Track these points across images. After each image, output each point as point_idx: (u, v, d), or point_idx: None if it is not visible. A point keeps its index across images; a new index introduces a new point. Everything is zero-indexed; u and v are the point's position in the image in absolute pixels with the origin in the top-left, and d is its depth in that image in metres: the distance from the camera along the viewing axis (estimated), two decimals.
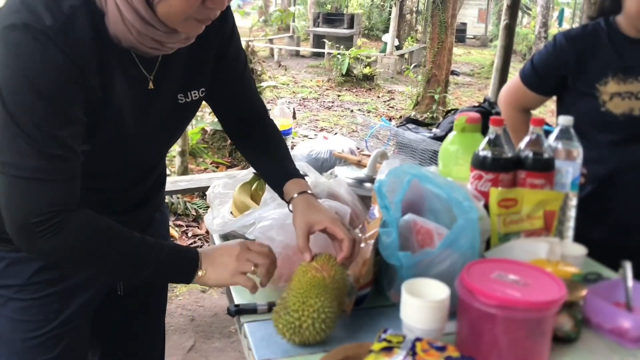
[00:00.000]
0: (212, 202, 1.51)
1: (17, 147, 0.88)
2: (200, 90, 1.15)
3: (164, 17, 0.91)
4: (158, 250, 1.00)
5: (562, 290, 0.96)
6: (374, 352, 0.86)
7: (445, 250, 1.07)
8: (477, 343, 0.96)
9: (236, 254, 1.04)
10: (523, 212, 1.27)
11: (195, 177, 3.39)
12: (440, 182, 1.17)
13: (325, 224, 1.09)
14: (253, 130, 1.30)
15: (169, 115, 1.11)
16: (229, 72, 1.21)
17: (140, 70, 1.02)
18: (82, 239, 0.96)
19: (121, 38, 0.94)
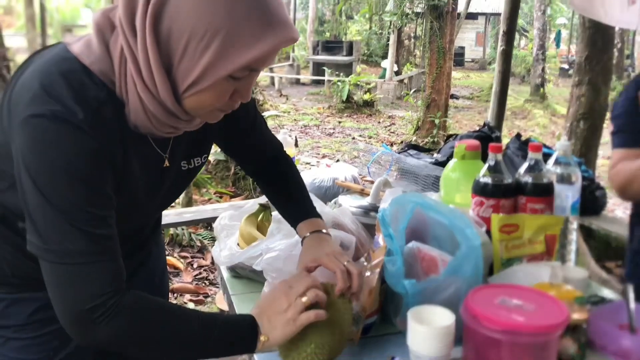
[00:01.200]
0: (219, 234, 1.54)
1: (62, 234, 0.88)
2: (203, 157, 1.18)
3: (190, 108, 0.93)
4: (217, 323, 0.98)
5: (565, 314, 0.98)
6: None
7: (450, 277, 1.09)
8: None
9: (285, 303, 1.01)
10: (524, 237, 1.29)
11: (200, 208, 3.42)
12: (443, 210, 1.20)
13: (321, 261, 1.11)
14: (269, 168, 1.34)
15: (175, 184, 1.15)
16: (239, 125, 1.23)
17: (155, 151, 1.04)
18: (139, 319, 0.94)
19: (140, 126, 0.95)
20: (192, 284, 3.56)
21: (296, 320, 0.99)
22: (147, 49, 0.85)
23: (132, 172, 1.00)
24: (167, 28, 0.84)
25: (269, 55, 0.88)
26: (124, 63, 0.90)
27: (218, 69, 0.86)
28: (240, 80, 0.91)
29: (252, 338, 0.99)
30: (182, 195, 4.30)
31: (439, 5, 8.09)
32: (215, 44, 0.84)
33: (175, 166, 1.11)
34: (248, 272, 1.44)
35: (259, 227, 1.52)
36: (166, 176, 1.10)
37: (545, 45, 14.72)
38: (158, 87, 0.88)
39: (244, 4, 0.83)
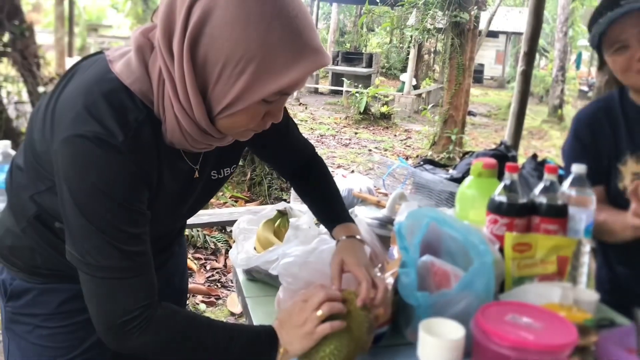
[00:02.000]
0: (237, 237, 1.57)
1: (100, 250, 0.93)
2: (232, 167, 1.23)
3: (223, 129, 0.97)
4: (239, 335, 1.03)
5: (574, 335, 1.00)
6: None
7: (462, 291, 1.12)
8: None
9: (302, 317, 1.04)
10: (537, 257, 1.31)
11: (216, 211, 3.46)
12: (457, 226, 1.23)
13: (351, 268, 1.15)
14: (305, 171, 1.38)
15: (203, 192, 1.19)
16: (274, 134, 1.25)
17: (187, 164, 1.08)
18: (169, 331, 1.00)
19: (175, 143, 1.00)
20: (205, 286, 3.60)
21: (313, 334, 1.03)
22: (184, 72, 0.88)
23: (164, 185, 1.04)
24: (203, 54, 0.88)
25: (301, 80, 0.91)
26: (162, 84, 0.94)
27: (251, 94, 0.89)
28: (272, 103, 0.95)
29: (272, 350, 1.04)
30: None
31: (460, 22, 8.12)
32: (250, 70, 0.87)
33: (204, 176, 1.15)
34: (263, 276, 1.47)
35: (275, 232, 1.55)
36: (195, 186, 1.14)
37: (565, 67, 14.67)
38: (194, 109, 0.92)
39: (278, 33, 0.86)
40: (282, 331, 1.05)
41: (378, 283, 1.12)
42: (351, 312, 1.07)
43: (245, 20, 0.85)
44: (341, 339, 1.03)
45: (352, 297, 1.09)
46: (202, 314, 3.25)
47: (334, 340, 1.03)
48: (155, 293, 0.99)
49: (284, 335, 1.04)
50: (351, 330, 1.05)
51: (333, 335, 1.03)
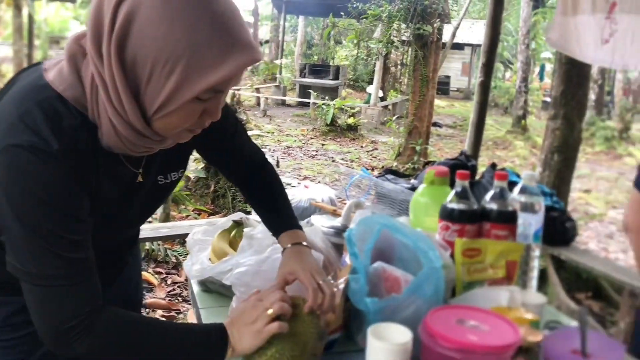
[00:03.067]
0: (192, 248, 1.56)
1: (41, 258, 0.93)
2: (180, 171, 1.22)
3: (160, 130, 0.97)
4: (188, 335, 1.04)
5: (518, 335, 1.02)
6: None
7: (411, 296, 1.13)
8: None
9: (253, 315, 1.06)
10: (486, 262, 1.34)
11: (176, 224, 3.44)
12: (408, 232, 1.25)
13: (298, 275, 1.15)
14: (253, 177, 1.38)
15: (150, 198, 1.18)
16: (220, 138, 1.27)
17: (128, 168, 1.08)
18: (115, 334, 1.00)
19: (113, 147, 0.99)
20: (165, 300, 3.55)
21: (262, 332, 1.04)
22: (114, 75, 0.88)
23: (104, 191, 1.03)
24: (132, 54, 0.88)
25: (233, 77, 0.92)
26: (95, 89, 0.93)
27: (183, 93, 0.89)
28: (207, 101, 0.94)
29: (222, 347, 1.04)
30: (159, 211, 4.31)
31: (423, 35, 8.25)
32: (179, 69, 0.87)
33: (150, 181, 1.14)
34: (218, 287, 1.47)
35: (231, 243, 1.55)
36: (141, 191, 1.13)
37: (528, 78, 15.00)
38: (127, 111, 0.91)
39: (205, 30, 0.87)
40: (232, 329, 1.06)
41: (325, 289, 1.13)
42: (299, 317, 1.07)
43: (170, 19, 0.85)
44: (284, 343, 1.04)
45: (300, 303, 1.10)
46: None
47: (278, 343, 1.03)
48: (98, 299, 0.99)
49: (234, 333, 1.05)
50: (297, 335, 1.06)
51: (278, 338, 1.04)
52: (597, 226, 6.61)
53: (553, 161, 4.13)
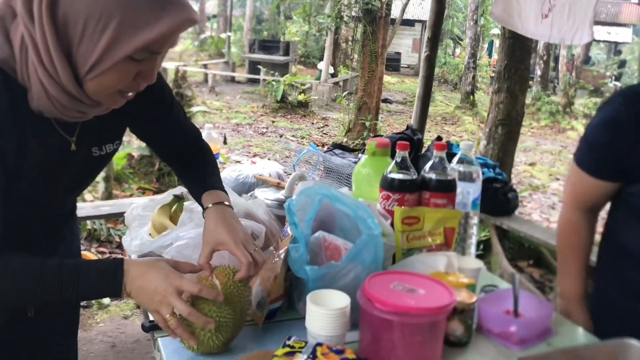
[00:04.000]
0: (131, 224, 1.54)
1: None
2: (115, 143, 1.19)
3: (92, 92, 0.95)
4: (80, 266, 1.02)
5: (452, 297, 1.05)
6: (277, 357, 0.92)
7: (349, 263, 1.15)
8: (377, 348, 1.04)
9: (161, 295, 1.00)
10: (425, 229, 1.37)
11: (118, 201, 3.35)
12: (348, 202, 1.26)
13: (229, 247, 1.13)
14: (184, 154, 1.35)
15: (84, 169, 1.15)
16: (154, 112, 1.24)
17: (61, 135, 1.05)
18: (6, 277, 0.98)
19: (44, 111, 0.97)
20: None
21: (154, 312, 1.02)
22: (45, 35, 0.87)
23: (34, 156, 1.01)
24: (63, 13, 0.87)
25: (167, 37, 0.91)
26: (24, 50, 0.91)
27: (116, 51, 0.88)
28: (142, 62, 0.94)
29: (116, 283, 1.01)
30: (101, 190, 4.21)
31: (372, 10, 8.26)
32: (111, 27, 0.86)
33: (84, 151, 1.11)
34: None
35: (172, 218, 1.53)
36: (73, 160, 1.10)
37: (477, 54, 15.23)
38: (59, 72, 0.90)
39: None
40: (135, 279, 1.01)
41: (258, 259, 1.13)
42: (227, 284, 1.07)
43: None
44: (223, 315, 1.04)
45: (228, 272, 1.10)
46: (107, 307, 3.16)
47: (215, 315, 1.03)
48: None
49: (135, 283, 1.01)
50: (234, 304, 1.06)
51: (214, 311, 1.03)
52: (541, 197, 6.84)
53: (497, 134, 4.23)
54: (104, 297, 1.08)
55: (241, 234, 1.15)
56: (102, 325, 2.98)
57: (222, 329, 1.04)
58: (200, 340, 1.03)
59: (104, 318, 3.05)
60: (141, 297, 1.01)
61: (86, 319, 2.98)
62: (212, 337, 1.03)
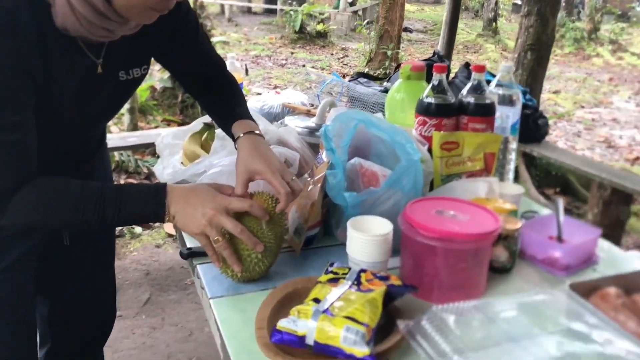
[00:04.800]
0: (162, 152, 1.51)
1: None
2: (143, 68, 1.14)
3: (121, 9, 0.90)
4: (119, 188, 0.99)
5: (498, 223, 1.02)
6: (321, 283, 0.91)
7: (389, 189, 1.11)
8: (420, 274, 1.02)
9: (209, 215, 0.98)
10: (464, 155, 1.32)
11: (144, 132, 3.34)
12: (385, 127, 1.21)
13: (266, 176, 1.09)
14: (209, 82, 1.30)
15: (112, 94, 1.11)
16: (180, 38, 1.19)
17: (87, 57, 1.01)
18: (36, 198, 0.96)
19: (70, 28, 0.93)
20: None
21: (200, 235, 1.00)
22: None
23: (57, 76, 0.97)
24: None
25: None
26: None
27: None
28: None
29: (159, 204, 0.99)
30: (127, 122, 4.20)
31: None
32: None
33: (111, 75, 1.07)
34: None
35: (203, 146, 1.50)
36: (101, 85, 1.06)
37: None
38: None
39: None
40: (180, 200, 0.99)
41: (296, 188, 1.10)
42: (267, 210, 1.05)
43: None
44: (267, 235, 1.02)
45: (267, 198, 1.07)
46: (139, 237, 3.21)
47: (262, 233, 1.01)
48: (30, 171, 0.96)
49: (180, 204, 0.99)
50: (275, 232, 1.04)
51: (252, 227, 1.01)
52: (565, 125, 6.70)
53: (526, 59, 4.08)
54: (146, 222, 1.03)
55: (277, 162, 1.12)
56: (136, 254, 3.04)
57: (267, 253, 1.02)
58: (245, 266, 1.02)
59: (136, 247, 3.10)
60: (186, 219, 0.99)
61: (119, 247, 3.03)
62: (258, 262, 1.01)
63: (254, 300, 0.99)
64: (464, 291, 1.03)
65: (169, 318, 2.48)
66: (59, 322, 1.39)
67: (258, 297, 1.00)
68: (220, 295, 1.02)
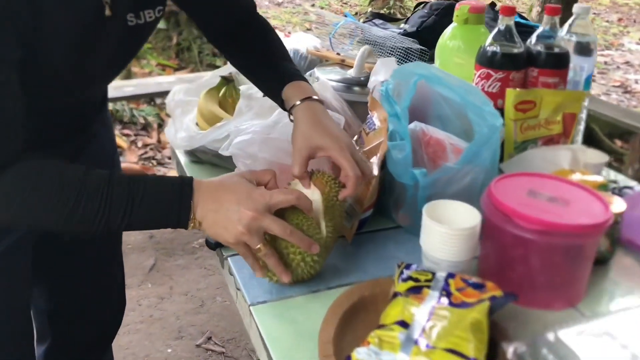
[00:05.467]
0: (173, 111, 1.28)
1: None
2: (157, 10, 0.90)
3: None
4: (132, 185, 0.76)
5: (608, 211, 0.81)
6: (402, 296, 0.70)
7: (467, 164, 0.90)
8: (506, 272, 0.83)
9: (247, 218, 0.75)
10: (541, 116, 1.10)
11: (141, 81, 3.07)
12: (454, 84, 0.99)
13: (332, 154, 0.86)
14: (241, 31, 1.06)
15: (121, 41, 0.87)
16: None
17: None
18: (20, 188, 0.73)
19: None
20: (139, 164, 3.30)
21: (236, 244, 0.78)
22: None
23: (60, 24, 0.75)
24: None
25: None
26: None
27: None
28: None
29: (183, 204, 0.76)
30: None
31: None
32: None
33: (119, 19, 0.84)
34: (211, 157, 1.21)
35: (221, 104, 1.27)
36: (109, 30, 0.83)
37: None
38: None
39: None
40: (208, 202, 0.77)
41: (366, 170, 0.88)
42: (329, 193, 0.85)
43: None
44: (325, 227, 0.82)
45: (328, 179, 0.86)
46: None
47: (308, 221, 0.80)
48: (12, 156, 0.73)
49: (209, 210, 0.77)
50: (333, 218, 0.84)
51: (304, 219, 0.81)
52: None
53: None
54: (161, 227, 0.79)
55: (345, 137, 0.90)
56: None
57: (322, 251, 0.81)
58: (296, 273, 0.81)
59: None
60: (217, 227, 0.77)
61: None
62: (312, 265, 0.81)
63: (305, 307, 0.81)
64: (562, 292, 0.84)
65: (177, 286, 2.29)
66: (59, 316, 1.19)
67: (309, 302, 0.82)
68: (262, 300, 0.82)
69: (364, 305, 0.77)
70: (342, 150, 0.85)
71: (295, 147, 0.88)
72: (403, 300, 0.69)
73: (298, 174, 0.86)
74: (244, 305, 0.83)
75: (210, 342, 1.97)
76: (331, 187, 0.85)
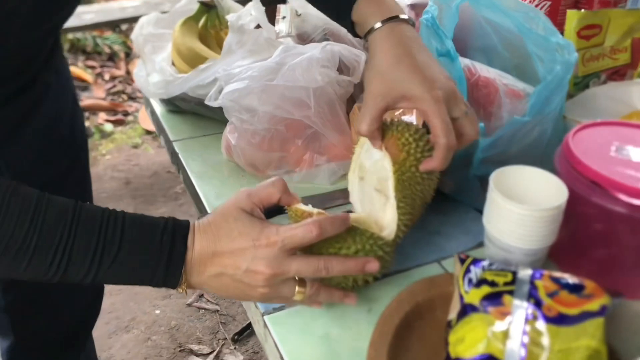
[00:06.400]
0: (142, 49, 1.04)
1: None
2: None
3: None
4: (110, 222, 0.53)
5: None
6: (479, 311, 0.51)
7: (536, 115, 0.70)
8: (591, 252, 0.65)
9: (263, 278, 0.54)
10: (606, 44, 0.89)
11: (103, 7, 2.73)
12: (507, 5, 0.76)
13: (421, 106, 0.61)
14: None
15: None
16: None
17: None
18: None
19: None
20: (107, 100, 3.02)
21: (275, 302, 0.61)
22: None
23: None
24: None
25: None
26: None
27: None
28: None
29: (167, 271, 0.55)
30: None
31: None
32: None
33: None
34: (194, 106, 0.99)
35: (202, 37, 1.03)
36: None
37: None
38: None
39: None
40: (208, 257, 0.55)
41: (468, 132, 0.64)
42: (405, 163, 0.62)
43: None
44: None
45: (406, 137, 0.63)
46: (110, 136, 2.74)
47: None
48: None
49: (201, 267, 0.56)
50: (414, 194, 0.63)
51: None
52: None
53: None
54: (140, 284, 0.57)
55: (444, 81, 0.62)
56: (109, 157, 2.54)
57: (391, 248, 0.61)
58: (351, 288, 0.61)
59: (109, 149, 2.60)
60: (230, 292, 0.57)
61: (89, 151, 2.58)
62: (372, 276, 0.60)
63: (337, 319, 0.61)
64: None
65: None
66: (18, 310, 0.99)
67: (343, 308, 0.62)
68: (279, 306, 0.63)
69: (419, 314, 0.58)
70: (436, 102, 0.60)
71: (368, 93, 0.63)
72: (481, 319, 0.51)
73: (367, 131, 0.62)
74: (256, 313, 0.64)
75: (202, 299, 1.81)
76: (408, 152, 0.62)
